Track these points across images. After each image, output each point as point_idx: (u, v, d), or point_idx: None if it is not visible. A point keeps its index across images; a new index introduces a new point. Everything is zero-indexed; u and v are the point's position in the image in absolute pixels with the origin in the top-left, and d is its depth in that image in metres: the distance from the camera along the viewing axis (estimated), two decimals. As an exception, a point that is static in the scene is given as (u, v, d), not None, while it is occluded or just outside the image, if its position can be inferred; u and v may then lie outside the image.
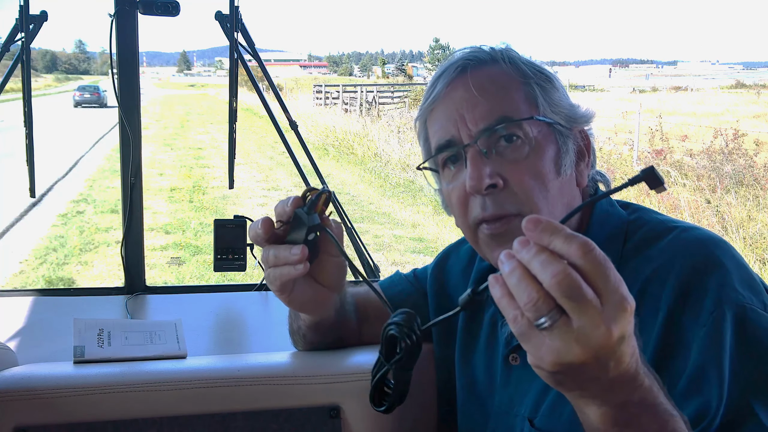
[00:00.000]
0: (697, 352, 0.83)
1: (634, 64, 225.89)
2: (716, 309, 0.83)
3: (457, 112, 0.99)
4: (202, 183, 11.92)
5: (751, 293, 0.85)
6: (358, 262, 2.23)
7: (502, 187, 0.96)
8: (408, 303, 1.31)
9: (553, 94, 1.00)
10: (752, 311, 0.83)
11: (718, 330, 0.82)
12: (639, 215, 1.03)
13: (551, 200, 0.97)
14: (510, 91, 0.99)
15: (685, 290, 0.87)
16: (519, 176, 0.96)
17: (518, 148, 0.96)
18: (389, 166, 13.21)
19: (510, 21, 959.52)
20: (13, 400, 1.10)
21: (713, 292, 0.85)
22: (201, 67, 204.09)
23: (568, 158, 1.00)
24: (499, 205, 0.96)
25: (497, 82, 0.99)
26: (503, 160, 0.96)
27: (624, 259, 0.97)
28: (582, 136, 1.04)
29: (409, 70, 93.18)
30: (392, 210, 9.78)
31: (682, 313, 0.86)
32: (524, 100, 0.98)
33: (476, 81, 0.98)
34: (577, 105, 1.04)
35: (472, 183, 0.95)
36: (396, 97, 27.10)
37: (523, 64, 1.01)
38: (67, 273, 6.71)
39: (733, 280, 0.86)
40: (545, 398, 0.99)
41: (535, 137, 0.97)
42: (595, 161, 1.07)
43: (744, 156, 10.09)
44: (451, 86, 1.00)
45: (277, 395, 1.19)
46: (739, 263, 0.89)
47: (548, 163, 0.97)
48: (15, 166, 3.60)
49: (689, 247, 0.91)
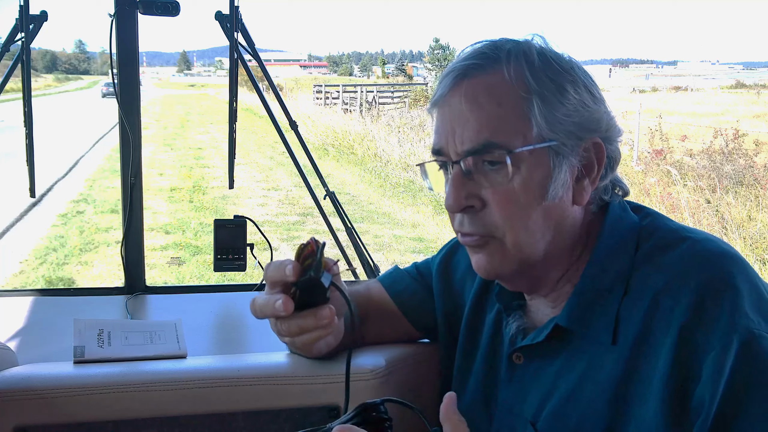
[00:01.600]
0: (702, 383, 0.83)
1: (634, 64, 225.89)
2: (726, 335, 0.83)
3: (450, 123, 0.97)
4: (202, 183, 11.93)
5: (761, 318, 0.85)
6: (358, 262, 2.23)
7: (479, 208, 0.96)
8: (413, 300, 1.31)
9: (557, 108, 0.94)
10: (760, 338, 0.83)
11: (723, 359, 0.83)
12: (651, 221, 1.01)
13: (530, 226, 0.95)
14: (504, 107, 0.94)
15: (700, 309, 0.86)
16: (498, 201, 0.95)
17: (501, 172, 0.94)
18: (389, 166, 13.21)
19: (510, 21, 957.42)
20: (13, 400, 1.10)
21: (726, 315, 0.84)
22: (201, 67, 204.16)
23: (559, 181, 0.95)
24: (475, 226, 0.97)
25: (493, 95, 0.94)
26: (485, 181, 0.95)
27: (635, 266, 0.96)
28: (595, 148, 0.97)
29: (409, 70, 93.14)
30: (392, 210, 9.78)
31: (695, 332, 0.85)
32: (519, 118, 0.93)
33: (471, 92, 0.95)
34: (599, 110, 0.97)
35: (449, 202, 0.97)
36: (396, 97, 27.12)
37: (529, 72, 0.94)
38: (67, 273, 6.71)
39: (745, 304, 0.85)
40: (548, 402, 0.99)
41: (522, 162, 0.94)
42: (611, 171, 1.01)
43: (744, 156, 10.09)
44: (450, 94, 0.98)
45: (277, 395, 1.19)
46: (753, 283, 0.88)
47: (532, 189, 0.94)
48: (15, 166, 3.60)
49: (704, 262, 0.90)
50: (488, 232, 0.97)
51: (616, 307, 0.95)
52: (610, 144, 1.00)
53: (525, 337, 1.06)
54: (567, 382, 0.97)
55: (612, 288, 0.96)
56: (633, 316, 0.92)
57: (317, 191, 2.29)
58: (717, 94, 39.96)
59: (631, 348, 0.91)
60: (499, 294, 1.12)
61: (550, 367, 1.01)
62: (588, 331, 0.96)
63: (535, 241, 0.97)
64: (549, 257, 0.99)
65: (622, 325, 0.93)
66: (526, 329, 1.07)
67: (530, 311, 1.09)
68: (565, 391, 0.97)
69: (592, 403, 0.93)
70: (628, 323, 0.93)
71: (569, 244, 1.01)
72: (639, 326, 0.91)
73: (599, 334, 0.95)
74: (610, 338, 0.94)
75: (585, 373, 0.95)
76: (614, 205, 1.03)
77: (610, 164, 1.01)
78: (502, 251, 0.98)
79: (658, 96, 37.76)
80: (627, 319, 0.93)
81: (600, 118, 0.98)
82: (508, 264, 0.99)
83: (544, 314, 1.06)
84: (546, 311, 1.06)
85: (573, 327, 0.97)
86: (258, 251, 2.06)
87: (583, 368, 0.96)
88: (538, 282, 1.04)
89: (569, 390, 0.96)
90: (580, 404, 0.94)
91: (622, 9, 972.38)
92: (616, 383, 0.91)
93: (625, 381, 0.91)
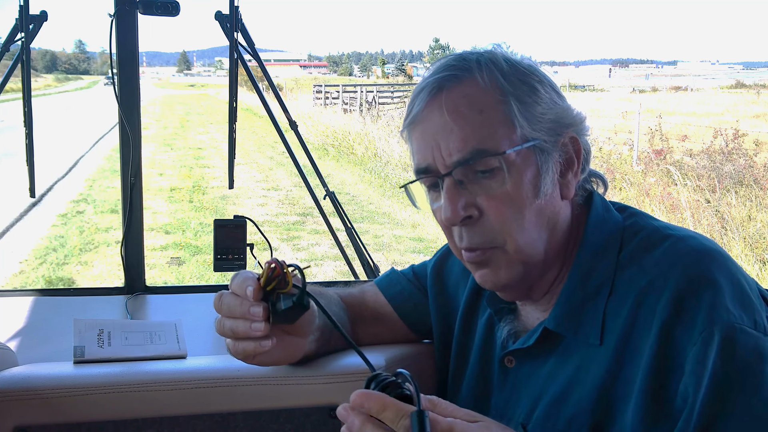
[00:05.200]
0: (686, 377, 0.84)
1: (634, 64, 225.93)
2: (705, 329, 0.84)
3: (433, 138, 0.97)
4: (202, 183, 11.92)
5: (742, 311, 0.86)
6: (358, 263, 2.23)
7: (477, 217, 0.96)
8: (410, 302, 1.31)
9: (534, 107, 0.96)
10: (741, 331, 0.84)
11: (705, 353, 0.83)
12: (635, 220, 1.02)
13: (528, 226, 0.96)
14: (486, 113, 0.95)
15: (680, 305, 0.87)
16: (494, 207, 0.95)
17: (494, 177, 0.95)
18: (389, 166, 13.21)
19: (510, 21, 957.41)
20: (13, 400, 1.10)
21: (705, 310, 0.85)
22: (201, 67, 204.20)
23: (548, 178, 0.97)
24: (474, 237, 0.97)
25: (473, 104, 0.95)
26: (479, 189, 0.96)
27: (620, 267, 0.97)
28: (571, 142, 1.00)
29: (409, 70, 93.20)
30: (392, 210, 9.78)
31: (675, 328, 0.86)
32: (502, 122, 0.95)
33: (450, 104, 0.95)
34: (567, 107, 1.01)
35: (446, 215, 0.96)
36: (396, 97, 27.11)
37: (502, 77, 0.96)
38: (67, 273, 6.71)
39: (725, 298, 0.86)
40: (539, 404, 0.99)
41: (512, 164, 0.95)
42: (587, 164, 1.04)
43: (744, 156, 10.08)
44: (428, 109, 0.97)
45: (277, 395, 1.19)
46: (733, 278, 0.89)
47: (526, 189, 0.95)
48: (15, 166, 3.59)
49: (685, 259, 0.91)
50: (489, 241, 0.97)
51: (602, 308, 0.95)
52: (582, 137, 1.02)
53: (516, 340, 1.06)
54: (557, 383, 0.98)
55: (598, 289, 0.97)
56: (618, 316, 0.93)
57: (317, 191, 2.29)
58: (717, 94, 39.97)
59: (616, 348, 0.92)
60: (489, 298, 1.12)
61: (541, 369, 1.01)
62: (577, 334, 0.97)
63: (534, 241, 0.97)
64: (548, 256, 1.00)
65: (609, 325, 0.94)
66: (517, 333, 1.08)
67: (521, 315, 1.10)
68: (555, 393, 0.97)
69: (580, 403, 0.93)
70: (614, 324, 0.93)
71: (563, 240, 1.01)
72: (623, 326, 0.92)
73: (588, 336, 0.96)
74: (598, 339, 0.94)
75: (574, 374, 0.96)
76: (597, 204, 1.04)
77: (586, 157, 1.03)
78: (506, 259, 0.98)
79: (658, 96, 37.74)
80: (613, 319, 0.94)
81: (570, 114, 1.00)
82: (513, 271, 0.98)
83: (534, 317, 1.06)
84: (536, 314, 1.06)
85: (561, 330, 0.98)
86: (258, 251, 2.06)
87: (572, 370, 0.96)
88: (536, 286, 1.04)
89: (559, 392, 0.97)
90: (568, 405, 0.95)
91: (622, 9, 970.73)
92: (603, 383, 0.92)
93: (611, 381, 0.91)
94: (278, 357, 1.08)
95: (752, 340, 0.84)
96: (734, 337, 0.83)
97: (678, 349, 0.85)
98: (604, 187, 1.09)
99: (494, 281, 1.00)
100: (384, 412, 0.72)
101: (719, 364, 0.82)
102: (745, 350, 0.83)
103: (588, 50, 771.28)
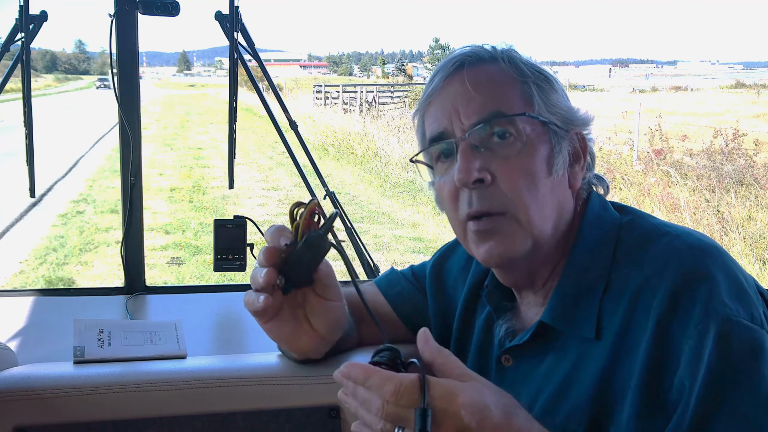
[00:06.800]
0: (682, 370, 0.84)
1: (634, 64, 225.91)
2: (701, 322, 0.84)
3: (451, 105, 0.99)
4: (202, 183, 11.92)
5: (739, 304, 0.86)
6: (358, 263, 2.23)
7: (489, 182, 0.96)
8: (409, 303, 1.31)
9: (551, 94, 1.01)
10: (737, 324, 0.84)
11: (701, 345, 0.83)
12: (632, 219, 1.02)
13: (540, 199, 0.97)
14: (506, 87, 0.99)
15: (675, 300, 0.87)
16: (508, 173, 0.96)
17: (510, 145, 0.97)
18: (389, 166, 13.20)
19: (510, 21, 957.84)
20: (13, 400, 1.10)
21: (701, 304, 0.85)
22: (201, 67, 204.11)
23: (560, 158, 1.00)
24: (485, 202, 0.97)
25: (494, 79, 1.00)
26: (494, 156, 0.97)
27: (615, 265, 0.97)
28: (579, 138, 1.04)
29: (409, 70, 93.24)
30: (392, 210, 9.78)
31: (671, 323, 0.86)
32: (520, 97, 0.99)
33: (472, 77, 0.99)
34: (576, 108, 1.04)
35: (460, 176, 0.96)
36: (396, 97, 27.11)
37: (522, 64, 1.01)
38: (67, 273, 6.71)
39: (722, 291, 0.86)
40: (537, 400, 0.99)
41: (528, 135, 0.97)
42: (593, 165, 1.07)
43: (744, 156, 10.07)
44: (448, 80, 1.01)
45: (277, 395, 1.19)
46: (730, 272, 0.89)
47: (539, 162, 0.97)
48: (15, 166, 3.60)
49: (680, 256, 0.91)
50: (499, 207, 0.97)
51: (597, 304, 0.96)
52: (588, 142, 1.06)
53: (513, 339, 1.06)
54: (555, 380, 0.98)
55: (593, 285, 0.97)
56: (614, 312, 0.93)
57: (317, 191, 2.29)
58: (717, 94, 39.99)
59: (613, 344, 0.92)
60: (489, 295, 1.12)
61: (539, 367, 1.01)
62: (572, 329, 0.97)
63: (546, 218, 0.98)
64: (551, 242, 1.00)
65: (605, 321, 0.94)
66: (515, 331, 1.08)
67: (520, 312, 1.10)
68: (553, 390, 0.97)
69: (578, 399, 0.94)
70: (611, 319, 0.94)
71: (563, 232, 1.02)
72: (620, 322, 0.92)
73: (583, 330, 0.96)
74: (593, 334, 0.94)
75: (572, 371, 0.96)
76: (594, 202, 1.05)
77: (591, 160, 1.06)
78: (515, 229, 0.97)
79: (658, 96, 37.75)
80: (609, 315, 0.94)
81: (578, 114, 1.04)
82: (521, 243, 0.98)
83: (532, 315, 1.06)
84: (535, 310, 1.06)
85: (557, 324, 0.98)
86: (258, 251, 2.05)
87: (569, 366, 0.97)
88: (537, 272, 1.04)
89: (556, 388, 0.97)
90: (567, 401, 0.95)
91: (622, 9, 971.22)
92: (600, 379, 0.92)
93: (609, 377, 0.92)
94: (325, 322, 1.10)
95: (749, 332, 0.84)
96: (730, 329, 0.83)
97: (674, 343, 0.86)
98: (605, 191, 1.09)
99: (501, 253, 0.99)
100: (368, 380, 0.76)
101: (715, 357, 0.82)
102: (742, 342, 0.83)
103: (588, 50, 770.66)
